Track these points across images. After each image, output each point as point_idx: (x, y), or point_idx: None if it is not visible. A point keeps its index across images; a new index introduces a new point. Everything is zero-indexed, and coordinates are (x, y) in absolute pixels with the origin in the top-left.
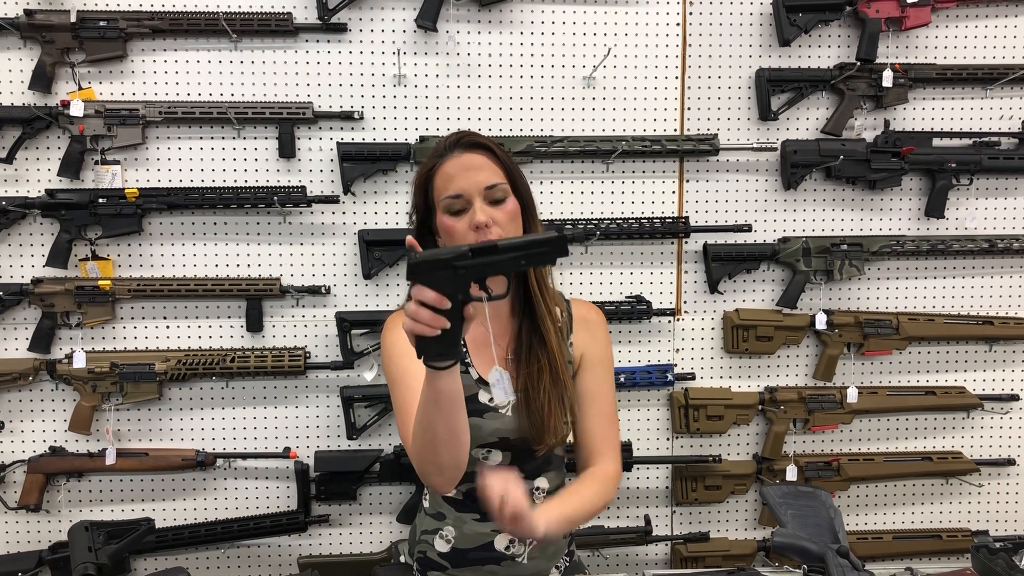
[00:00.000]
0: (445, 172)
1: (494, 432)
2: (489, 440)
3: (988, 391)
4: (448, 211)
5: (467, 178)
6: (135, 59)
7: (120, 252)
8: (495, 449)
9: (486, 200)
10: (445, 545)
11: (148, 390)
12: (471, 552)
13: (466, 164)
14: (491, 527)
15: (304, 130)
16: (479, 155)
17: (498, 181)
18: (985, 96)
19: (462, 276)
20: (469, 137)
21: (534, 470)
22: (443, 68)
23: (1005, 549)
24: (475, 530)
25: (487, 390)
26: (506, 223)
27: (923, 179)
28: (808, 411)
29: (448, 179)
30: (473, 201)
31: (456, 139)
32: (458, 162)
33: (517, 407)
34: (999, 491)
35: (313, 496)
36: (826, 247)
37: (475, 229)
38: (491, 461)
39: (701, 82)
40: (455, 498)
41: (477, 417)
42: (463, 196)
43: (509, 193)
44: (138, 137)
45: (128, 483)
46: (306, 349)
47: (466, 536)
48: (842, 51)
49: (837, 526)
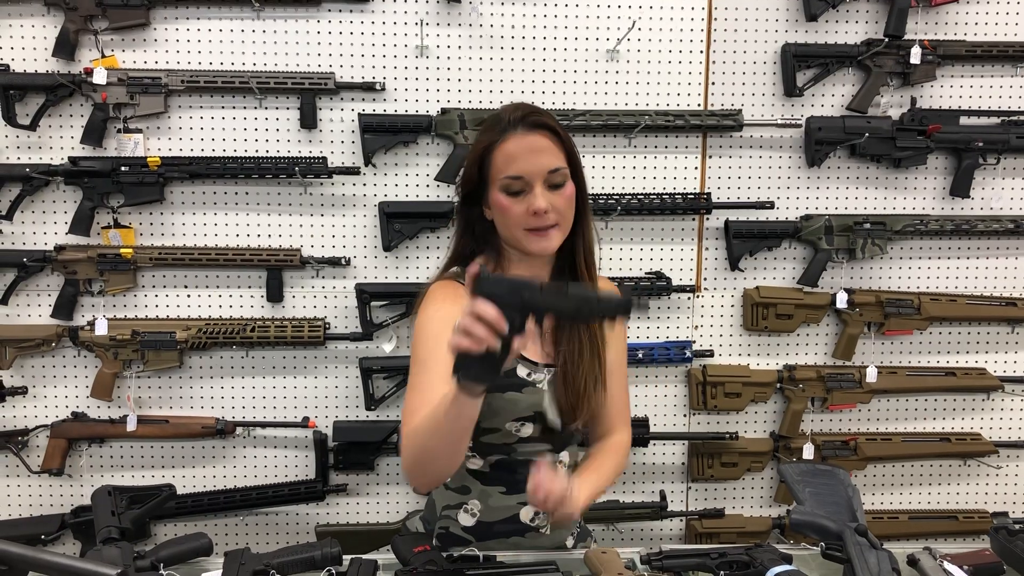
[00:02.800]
0: (507, 151)
1: (531, 406)
2: (525, 414)
3: (1009, 373)
4: (506, 191)
5: (530, 161)
6: (158, 27)
7: (142, 220)
8: (528, 422)
9: (546, 184)
10: (470, 519)
11: (169, 358)
12: (497, 525)
13: (531, 145)
14: (517, 499)
15: (326, 100)
16: (543, 136)
17: (560, 165)
18: (1015, 74)
19: (524, 307)
20: (535, 116)
21: (561, 444)
22: (466, 39)
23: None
24: (502, 503)
25: (524, 364)
26: (564, 209)
27: (949, 158)
28: (827, 390)
29: (510, 159)
30: (534, 185)
31: (521, 115)
32: (522, 142)
33: (555, 382)
34: (1017, 473)
35: (331, 466)
36: (849, 225)
37: (533, 215)
38: (522, 433)
39: (726, 57)
40: (481, 471)
41: (515, 391)
42: (524, 178)
43: (568, 177)
44: (160, 106)
45: (148, 450)
46: (325, 320)
47: (492, 509)
48: (870, 27)
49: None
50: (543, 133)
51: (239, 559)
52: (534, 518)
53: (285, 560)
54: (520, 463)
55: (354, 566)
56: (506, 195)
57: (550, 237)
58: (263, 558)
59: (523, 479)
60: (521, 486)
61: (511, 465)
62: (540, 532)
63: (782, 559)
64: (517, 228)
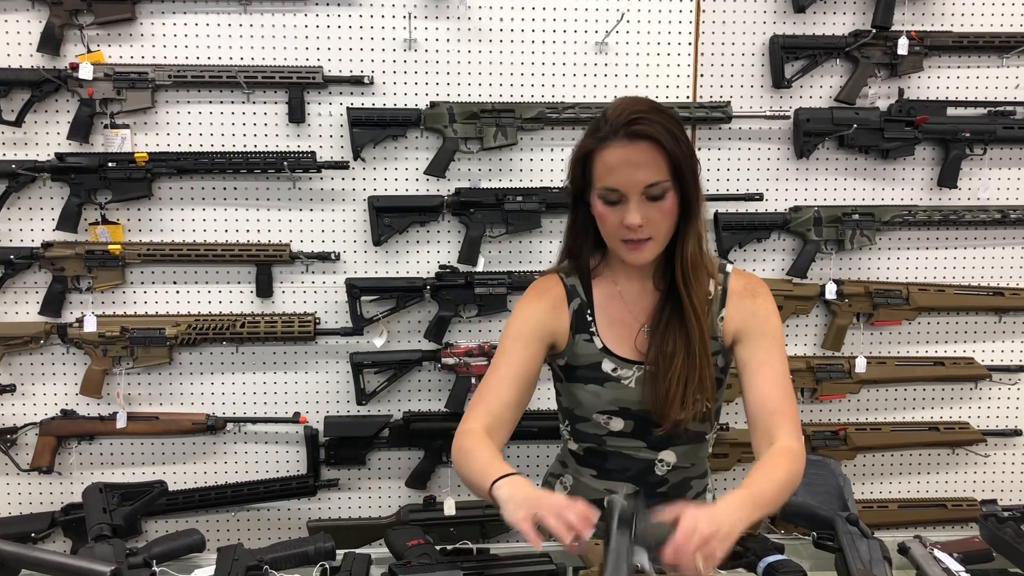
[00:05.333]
0: (605, 161)
1: (614, 401)
2: (609, 408)
3: (996, 362)
4: (603, 199)
5: (627, 174)
6: (144, 21)
7: (130, 216)
8: (615, 416)
9: (644, 197)
10: (563, 492)
11: (159, 354)
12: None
13: (629, 159)
14: (604, 485)
15: (314, 95)
16: (645, 148)
17: (659, 179)
18: (1001, 65)
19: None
20: (638, 124)
21: (659, 441)
22: (454, 32)
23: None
24: (590, 485)
25: (611, 359)
26: (660, 222)
27: (936, 149)
28: (816, 380)
29: (608, 169)
30: (630, 198)
31: (624, 122)
32: (621, 154)
33: (643, 380)
34: (1005, 461)
35: (322, 461)
36: (837, 216)
37: (627, 228)
38: (612, 427)
39: (715, 48)
40: (576, 452)
41: (597, 385)
42: (620, 191)
43: (669, 189)
44: (147, 101)
45: (139, 446)
46: (316, 315)
47: (581, 488)
48: (857, 18)
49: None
50: (645, 144)
51: (232, 555)
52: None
53: (278, 555)
54: (611, 453)
55: (348, 560)
56: (603, 203)
57: (643, 250)
58: (256, 554)
59: (613, 468)
60: (611, 474)
61: (602, 454)
62: None
63: (774, 549)
64: (613, 238)
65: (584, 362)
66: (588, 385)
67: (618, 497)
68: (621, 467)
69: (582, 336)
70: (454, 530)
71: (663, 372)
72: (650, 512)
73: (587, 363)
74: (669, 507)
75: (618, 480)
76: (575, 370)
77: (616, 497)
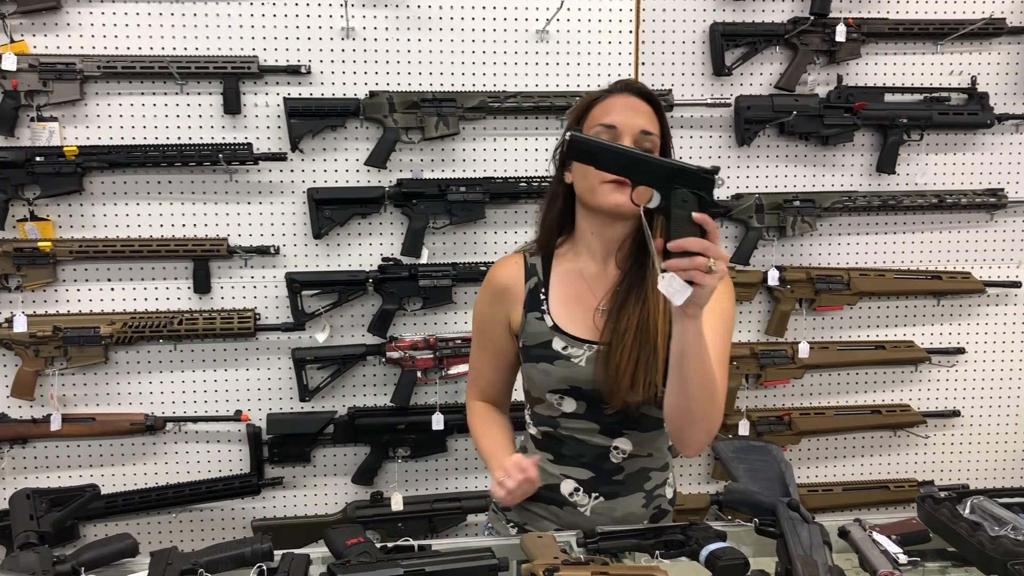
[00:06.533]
0: (607, 104)
1: (564, 379)
2: (559, 387)
3: (935, 345)
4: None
5: (627, 116)
6: (70, 11)
7: (60, 212)
8: (567, 396)
9: (636, 145)
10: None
11: (93, 354)
12: (541, 489)
13: (631, 104)
14: (561, 471)
15: (250, 85)
16: (645, 104)
17: (653, 131)
18: (936, 51)
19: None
20: (640, 85)
21: (614, 426)
22: (393, 21)
23: (949, 498)
24: (548, 470)
25: (561, 337)
26: None
27: (875, 135)
28: (760, 366)
29: (608, 110)
30: (623, 137)
31: (627, 83)
32: (624, 101)
33: (595, 358)
34: (944, 442)
35: (266, 459)
36: (779, 203)
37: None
38: (564, 408)
39: (655, 37)
40: (536, 436)
41: (547, 363)
42: (616, 129)
43: (658, 148)
44: (76, 93)
45: (75, 449)
46: (256, 310)
47: (540, 472)
48: (796, 5)
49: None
50: (645, 100)
51: (166, 559)
52: (572, 493)
53: (214, 558)
54: (566, 438)
55: (286, 561)
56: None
57: (624, 191)
58: (191, 557)
59: (569, 454)
60: (566, 459)
61: (558, 438)
62: (579, 510)
63: (716, 536)
64: (597, 177)
65: (535, 341)
66: (539, 364)
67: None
68: (576, 453)
69: (533, 315)
70: (402, 525)
71: (614, 352)
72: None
73: (538, 342)
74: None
75: (574, 466)
76: (529, 349)
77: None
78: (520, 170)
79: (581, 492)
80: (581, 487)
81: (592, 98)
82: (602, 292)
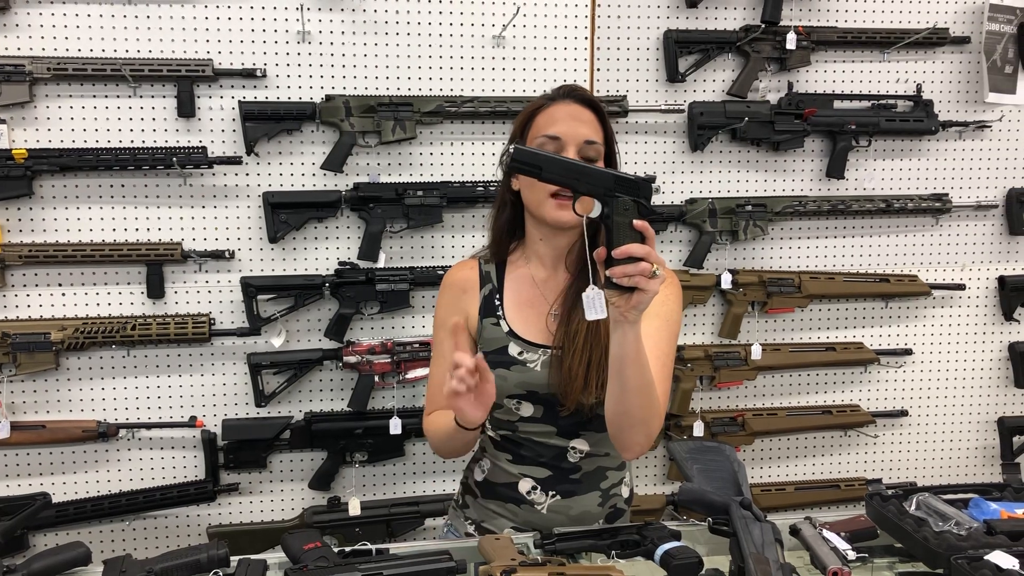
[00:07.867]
0: (550, 114)
1: (520, 384)
2: (516, 392)
3: (884, 346)
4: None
5: (571, 126)
6: (19, 11)
7: (9, 216)
8: (524, 401)
9: (580, 155)
10: (481, 475)
11: (44, 360)
12: (499, 487)
13: (574, 113)
14: (519, 470)
15: (204, 88)
16: (588, 111)
17: (596, 140)
18: (883, 59)
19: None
20: (583, 91)
21: (570, 428)
22: (349, 25)
23: (896, 496)
24: (506, 469)
25: (517, 343)
26: None
27: (824, 141)
28: (714, 368)
29: (551, 120)
30: (567, 149)
31: (569, 89)
32: (567, 109)
33: (550, 363)
34: (893, 441)
35: (222, 465)
36: (731, 208)
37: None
38: (522, 412)
39: (610, 43)
40: (494, 438)
41: (504, 369)
42: (560, 140)
43: (602, 156)
44: (25, 95)
45: (25, 457)
46: (211, 315)
47: (497, 471)
48: (747, 13)
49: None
50: (588, 108)
51: (119, 567)
52: (530, 491)
53: (169, 565)
54: (524, 440)
55: (242, 567)
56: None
57: (569, 206)
58: (145, 564)
59: (527, 455)
60: (525, 460)
61: (516, 441)
62: (536, 508)
63: (671, 536)
64: (543, 191)
65: (492, 347)
66: (496, 369)
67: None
68: (535, 453)
69: (489, 320)
70: (360, 530)
71: (566, 354)
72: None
73: (495, 347)
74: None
75: (532, 465)
76: (486, 355)
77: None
78: (477, 174)
79: (539, 490)
80: (539, 485)
81: (535, 106)
82: (554, 296)
